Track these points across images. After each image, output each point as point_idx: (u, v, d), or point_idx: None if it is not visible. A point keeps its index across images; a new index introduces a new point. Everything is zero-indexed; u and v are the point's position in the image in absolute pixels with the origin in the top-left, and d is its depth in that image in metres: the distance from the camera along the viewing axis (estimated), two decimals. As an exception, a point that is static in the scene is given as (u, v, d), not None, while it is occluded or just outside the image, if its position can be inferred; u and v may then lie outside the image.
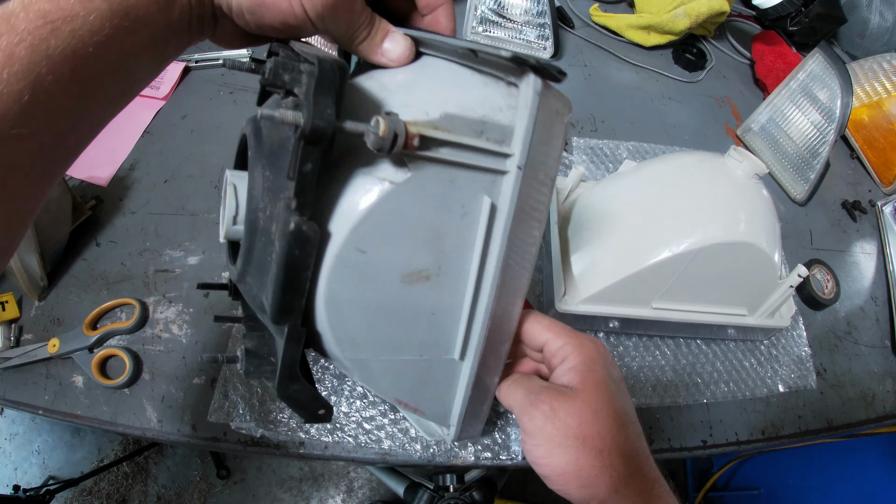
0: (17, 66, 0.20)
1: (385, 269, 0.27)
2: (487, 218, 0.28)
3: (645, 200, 0.49)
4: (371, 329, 0.29)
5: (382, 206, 0.26)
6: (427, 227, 0.27)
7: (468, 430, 0.36)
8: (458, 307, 0.31)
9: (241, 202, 0.28)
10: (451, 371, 0.33)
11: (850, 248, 0.70)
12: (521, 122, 0.27)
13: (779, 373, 0.56)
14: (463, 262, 0.29)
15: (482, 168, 0.27)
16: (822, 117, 0.67)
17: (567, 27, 0.84)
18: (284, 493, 1.28)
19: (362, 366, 0.30)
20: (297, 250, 0.23)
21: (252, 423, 0.45)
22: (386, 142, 0.23)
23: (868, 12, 0.90)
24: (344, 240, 0.26)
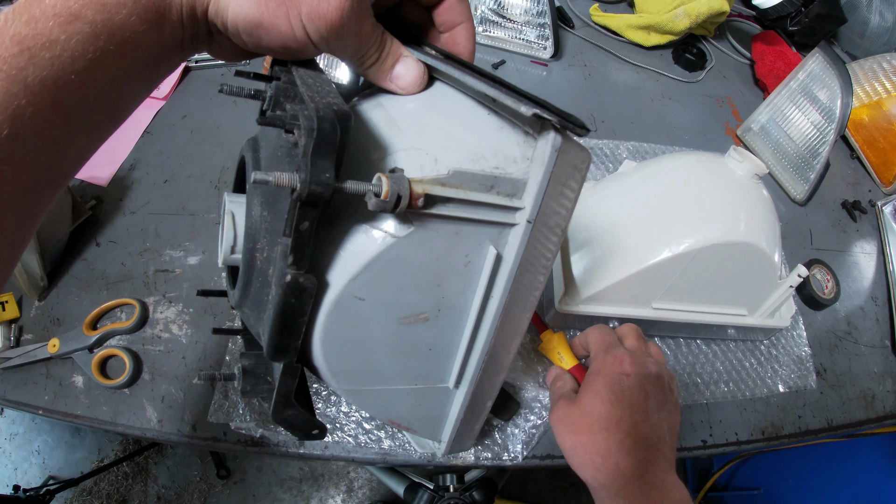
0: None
1: (383, 313, 0.28)
2: (492, 268, 0.28)
3: (645, 200, 0.49)
4: (367, 364, 0.30)
5: (382, 259, 0.25)
6: (428, 276, 0.27)
7: (459, 445, 0.38)
8: (456, 344, 0.31)
9: (240, 233, 0.27)
10: (445, 397, 0.35)
11: (850, 248, 0.70)
12: (536, 176, 0.26)
13: (779, 373, 0.56)
14: (463, 304, 0.29)
15: (490, 222, 0.26)
16: (822, 117, 0.67)
17: (567, 27, 0.84)
18: (284, 493, 1.28)
19: (357, 394, 0.31)
20: (294, 300, 0.23)
21: (252, 423, 0.45)
22: (388, 204, 0.22)
23: (868, 12, 0.90)
24: (342, 289, 0.25)
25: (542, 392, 0.50)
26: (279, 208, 0.24)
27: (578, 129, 0.24)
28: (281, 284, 0.22)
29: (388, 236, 0.25)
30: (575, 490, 1.34)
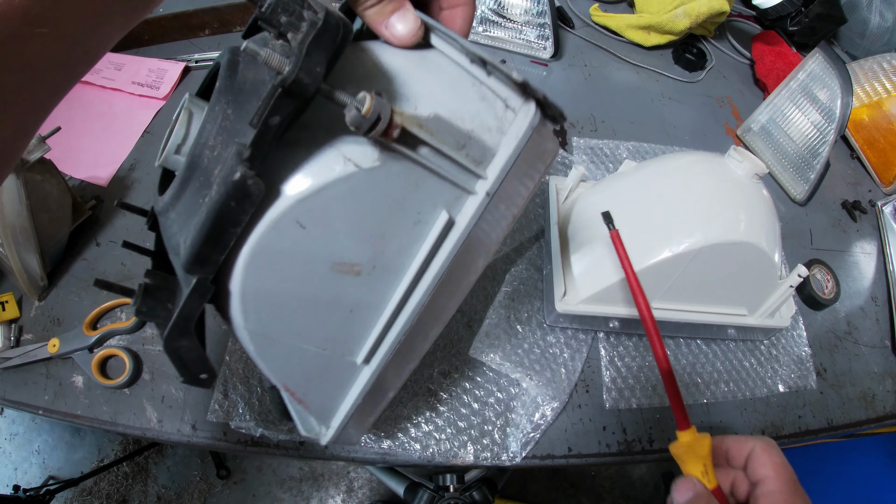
0: None
1: (319, 251, 0.26)
2: (440, 233, 0.27)
3: (645, 200, 0.49)
4: (283, 307, 0.27)
5: (338, 187, 0.24)
6: (376, 222, 0.26)
7: (347, 435, 0.34)
8: (378, 312, 0.29)
9: (193, 132, 0.25)
10: (349, 373, 0.32)
11: (850, 248, 0.70)
12: (506, 149, 0.26)
13: (779, 373, 0.56)
14: (398, 268, 0.28)
15: (451, 181, 0.26)
16: (822, 117, 0.67)
17: (567, 27, 0.84)
18: (284, 493, 1.28)
19: (260, 341, 0.27)
20: (234, 202, 0.21)
21: (252, 423, 0.45)
22: (366, 122, 0.21)
23: (868, 12, 0.90)
24: (287, 208, 0.23)
25: (542, 393, 0.50)
26: (247, 108, 0.23)
27: (558, 115, 0.25)
28: (226, 183, 0.20)
29: (350, 164, 0.23)
30: (575, 490, 1.35)
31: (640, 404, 0.51)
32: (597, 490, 1.36)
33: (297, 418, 0.34)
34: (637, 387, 0.52)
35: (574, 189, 0.56)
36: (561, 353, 0.52)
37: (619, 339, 0.54)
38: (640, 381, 0.52)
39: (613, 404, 0.51)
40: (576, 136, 0.70)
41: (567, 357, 0.52)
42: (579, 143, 0.69)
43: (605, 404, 0.51)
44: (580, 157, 0.68)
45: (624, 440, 0.49)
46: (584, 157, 0.68)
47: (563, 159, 0.67)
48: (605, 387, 0.52)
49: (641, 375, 0.53)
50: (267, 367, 0.29)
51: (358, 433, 0.35)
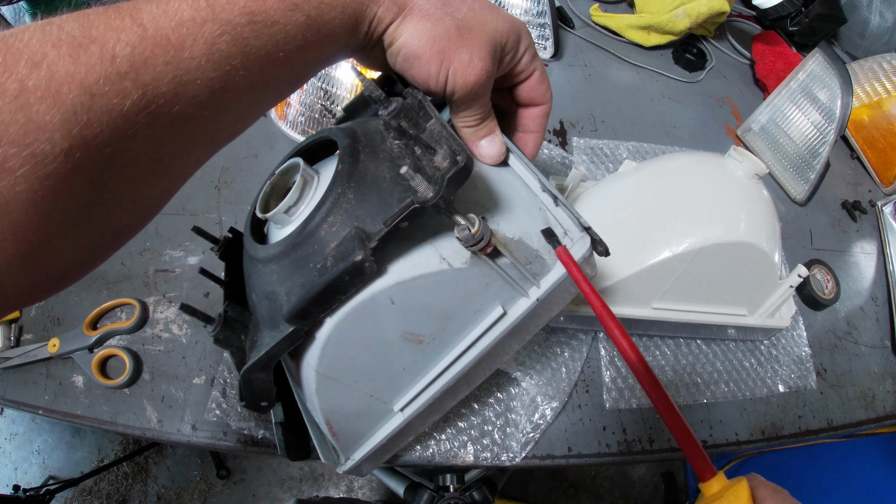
0: (216, 56, 0.22)
1: (398, 322, 0.30)
2: (492, 322, 0.32)
3: (645, 200, 0.49)
4: (353, 359, 0.31)
5: (430, 279, 0.29)
6: (448, 307, 0.31)
7: (361, 468, 0.38)
8: (424, 373, 0.34)
9: (313, 203, 0.29)
10: (383, 417, 0.36)
11: (850, 248, 0.70)
12: (559, 271, 0.32)
13: (779, 373, 0.56)
14: (451, 342, 0.33)
15: (513, 286, 0.32)
16: (822, 117, 0.67)
17: (567, 27, 0.84)
18: (284, 493, 1.28)
19: (324, 381, 0.31)
20: (348, 277, 0.26)
21: (252, 423, 0.45)
22: (471, 241, 0.27)
23: (868, 12, 0.90)
24: (387, 287, 0.28)
25: (541, 393, 0.50)
26: (369, 200, 0.27)
27: (604, 251, 0.31)
28: (345, 260, 0.25)
29: (445, 262, 0.29)
30: (575, 490, 1.35)
31: (640, 404, 0.51)
32: (597, 490, 1.36)
33: (318, 447, 0.37)
34: (637, 387, 0.52)
35: (574, 189, 0.56)
36: (561, 352, 0.52)
37: (619, 339, 0.54)
38: (640, 381, 0.52)
39: (613, 404, 0.51)
40: (576, 136, 0.70)
41: (567, 356, 0.52)
42: (579, 143, 0.69)
43: (605, 404, 0.51)
44: (580, 157, 0.68)
45: (624, 440, 0.49)
46: (584, 157, 0.68)
47: (563, 159, 0.67)
48: (605, 387, 0.52)
49: (641, 375, 0.53)
50: (319, 402, 0.32)
51: (370, 467, 0.39)
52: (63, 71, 0.19)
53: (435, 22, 0.28)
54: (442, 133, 0.28)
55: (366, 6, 0.26)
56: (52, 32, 0.20)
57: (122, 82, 0.20)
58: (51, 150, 0.19)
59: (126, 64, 0.20)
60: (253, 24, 0.22)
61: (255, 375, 0.28)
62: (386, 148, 0.29)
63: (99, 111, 0.19)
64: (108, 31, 0.20)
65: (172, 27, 0.21)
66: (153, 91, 0.21)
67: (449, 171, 0.25)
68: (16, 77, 0.18)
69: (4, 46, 0.19)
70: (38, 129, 0.18)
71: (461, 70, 0.28)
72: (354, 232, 0.26)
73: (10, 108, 0.18)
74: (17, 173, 0.18)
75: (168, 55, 0.21)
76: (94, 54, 0.19)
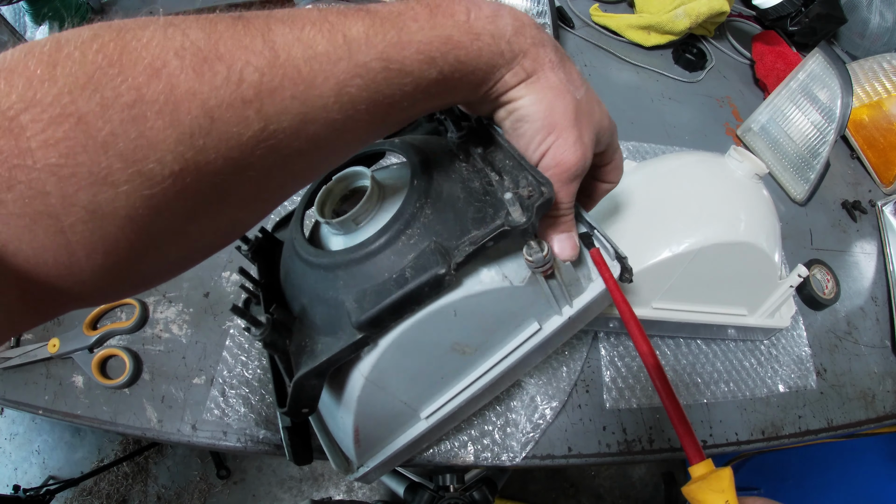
0: (344, 99, 0.21)
1: (453, 333, 0.32)
2: (527, 337, 0.35)
3: (645, 200, 0.49)
4: (404, 367, 0.32)
5: (491, 294, 0.31)
6: (497, 320, 0.33)
7: (371, 475, 0.38)
8: (457, 381, 0.36)
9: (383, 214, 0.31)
10: (408, 423, 0.37)
11: (850, 248, 0.70)
12: (592, 293, 0.34)
13: (779, 373, 0.56)
14: (488, 353, 0.35)
15: (554, 303, 0.34)
16: (822, 117, 0.67)
17: (567, 27, 0.84)
18: (284, 493, 1.28)
19: (369, 388, 0.32)
20: (427, 289, 0.27)
21: (252, 423, 0.45)
22: (538, 264, 0.29)
23: (868, 12, 0.90)
24: (453, 301, 0.29)
25: (541, 393, 0.50)
26: (446, 216, 0.29)
27: (630, 276, 0.34)
28: (427, 272, 0.26)
29: (507, 280, 0.31)
30: (575, 490, 1.35)
31: (640, 404, 0.51)
32: (597, 490, 1.36)
33: (328, 453, 0.37)
34: (637, 387, 0.52)
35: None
36: (561, 351, 0.52)
37: (619, 339, 0.54)
38: (640, 381, 0.52)
39: (613, 404, 0.51)
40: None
41: (567, 356, 0.52)
42: (579, 143, 0.69)
43: (605, 404, 0.51)
44: (580, 157, 0.68)
45: (624, 440, 0.49)
46: (584, 157, 0.68)
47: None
48: (605, 387, 0.52)
49: (641, 375, 0.53)
50: (356, 409, 0.33)
51: (377, 475, 0.39)
52: (185, 87, 0.17)
53: (558, 95, 0.27)
54: (518, 164, 0.29)
55: (497, 69, 0.25)
56: (176, 38, 0.18)
57: (245, 110, 0.18)
58: (160, 171, 0.17)
59: (252, 91, 0.18)
60: (387, 72, 0.21)
61: (309, 381, 0.28)
62: (455, 169, 0.31)
63: (217, 137, 0.18)
64: (236, 50, 0.18)
65: (305, 59, 0.19)
66: (275, 125, 0.19)
67: (537, 200, 0.27)
68: (132, 84, 0.17)
69: (121, 43, 0.17)
70: (149, 147, 0.17)
71: (565, 147, 0.28)
72: (434, 246, 0.27)
73: (122, 118, 0.16)
74: (119, 189, 0.17)
75: (297, 89, 0.19)
76: (219, 74, 0.18)
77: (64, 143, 0.16)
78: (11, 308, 0.18)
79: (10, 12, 0.73)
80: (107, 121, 0.16)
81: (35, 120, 0.16)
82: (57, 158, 0.16)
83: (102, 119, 0.16)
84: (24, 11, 0.72)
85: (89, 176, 0.16)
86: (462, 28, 0.23)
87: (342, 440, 0.37)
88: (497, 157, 0.30)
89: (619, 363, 0.53)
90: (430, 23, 0.22)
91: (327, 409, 0.37)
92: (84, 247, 0.17)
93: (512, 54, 0.25)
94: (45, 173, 0.16)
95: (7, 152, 0.16)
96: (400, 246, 0.28)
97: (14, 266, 0.17)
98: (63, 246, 0.17)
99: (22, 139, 0.16)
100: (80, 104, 0.16)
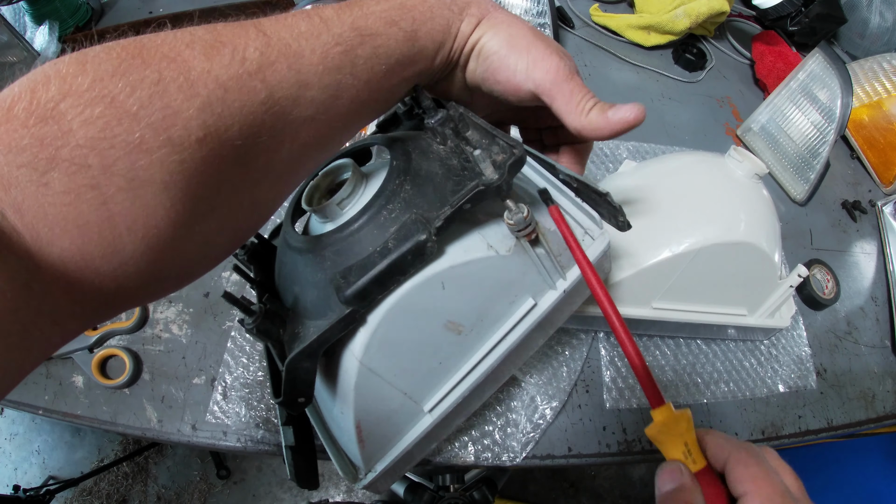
0: (330, 64, 0.24)
1: (444, 308, 0.31)
2: (524, 313, 0.34)
3: (645, 201, 0.49)
4: (397, 349, 0.31)
5: (478, 264, 0.30)
6: (488, 295, 0.32)
7: (378, 483, 0.37)
8: (457, 367, 0.35)
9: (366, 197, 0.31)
10: (412, 419, 0.36)
11: (850, 248, 0.70)
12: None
13: (779, 373, 0.56)
14: (485, 334, 0.34)
15: (544, 277, 0.34)
16: (822, 117, 0.67)
17: (567, 27, 0.84)
18: (284, 493, 1.28)
19: (365, 375, 0.31)
20: (410, 257, 0.27)
21: (252, 423, 0.45)
22: (519, 226, 0.29)
23: (868, 12, 0.90)
24: (441, 270, 0.29)
25: (541, 393, 0.50)
26: (426, 190, 0.29)
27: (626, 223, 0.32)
28: (409, 240, 0.27)
29: (492, 249, 0.30)
30: (575, 490, 1.35)
31: (640, 404, 0.51)
32: (597, 490, 1.36)
33: (334, 460, 0.37)
34: (637, 387, 0.52)
35: (574, 189, 0.56)
36: (561, 351, 0.52)
37: (619, 339, 0.54)
38: (640, 381, 0.52)
39: (613, 404, 0.51)
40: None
41: (567, 356, 0.52)
42: (579, 143, 0.69)
43: (605, 404, 0.51)
44: (580, 157, 0.68)
45: (624, 440, 0.49)
46: (584, 157, 0.68)
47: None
48: (605, 387, 0.52)
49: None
50: (354, 401, 0.32)
51: (386, 483, 0.38)
52: (199, 67, 0.20)
53: (511, 24, 0.30)
54: (490, 134, 0.29)
55: (450, 23, 0.29)
56: (184, 36, 0.21)
57: (251, 81, 0.22)
58: (186, 136, 0.20)
59: (255, 65, 0.22)
60: (360, 38, 0.25)
61: (301, 364, 0.28)
62: (434, 150, 0.32)
63: (231, 105, 0.21)
64: (236, 38, 0.22)
65: (293, 37, 0.23)
66: (279, 92, 0.22)
67: (509, 159, 0.27)
68: (154, 69, 0.20)
69: (139, 45, 0.20)
70: (174, 116, 0.19)
71: (543, 55, 0.30)
72: (415, 216, 0.27)
73: (149, 93, 0.19)
74: (153, 155, 0.19)
75: (290, 60, 0.23)
76: (226, 55, 0.21)
77: (101, 120, 0.18)
78: (60, 311, 0.19)
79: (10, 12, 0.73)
80: (136, 99, 0.19)
81: (73, 105, 0.18)
82: (96, 132, 0.18)
83: (132, 98, 0.19)
84: (24, 11, 0.72)
85: (126, 145, 0.18)
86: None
87: (346, 443, 0.36)
88: (473, 138, 0.31)
89: (619, 363, 0.53)
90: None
91: (328, 410, 0.37)
92: (125, 218, 0.19)
93: (457, 6, 0.29)
94: (86, 148, 0.18)
95: (51, 136, 0.17)
96: (382, 220, 0.29)
97: (60, 263, 0.18)
98: (106, 220, 0.19)
99: (63, 122, 0.18)
100: (111, 88, 0.19)
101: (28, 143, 0.17)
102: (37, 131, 0.17)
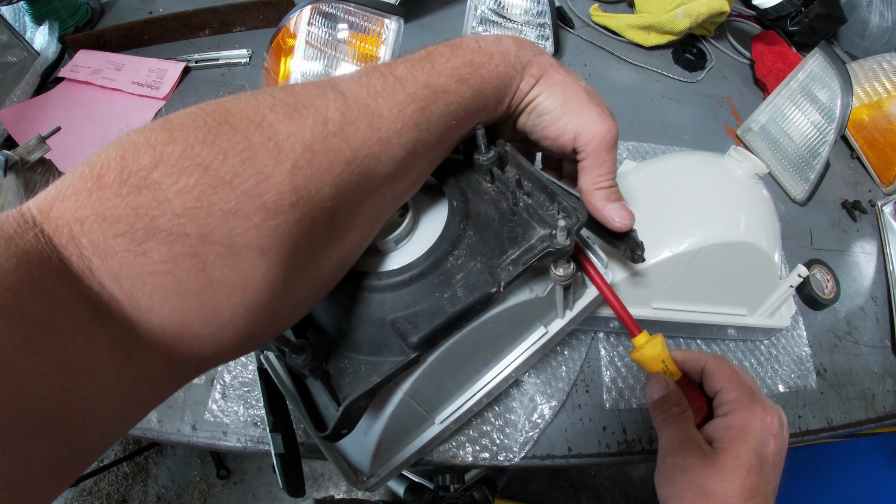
0: (408, 121, 0.25)
1: (484, 344, 0.34)
2: (534, 340, 0.37)
3: (645, 200, 0.49)
4: (437, 381, 0.33)
5: (519, 307, 0.33)
6: (514, 328, 0.35)
7: (379, 484, 0.38)
8: (470, 385, 0.37)
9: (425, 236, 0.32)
10: (423, 428, 0.38)
11: (850, 248, 0.70)
12: (588, 297, 0.37)
13: (779, 373, 0.56)
14: (500, 359, 0.37)
15: (561, 309, 0.36)
16: (822, 117, 0.67)
17: (567, 27, 0.84)
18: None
19: (404, 403, 0.33)
20: (479, 306, 0.28)
21: (250, 422, 0.45)
22: (567, 278, 0.31)
23: (868, 12, 0.90)
24: (496, 313, 0.32)
25: (540, 392, 0.50)
26: (487, 236, 0.31)
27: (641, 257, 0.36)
28: (479, 291, 0.28)
29: (534, 293, 0.33)
30: (575, 490, 1.35)
31: (640, 404, 0.51)
32: (597, 490, 1.36)
33: (337, 466, 0.38)
34: (637, 386, 0.52)
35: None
36: (561, 350, 0.52)
37: (619, 339, 0.54)
38: (640, 381, 0.52)
39: (613, 404, 0.51)
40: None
41: (567, 355, 0.52)
42: (579, 143, 0.69)
43: (605, 404, 0.51)
44: (580, 157, 0.68)
45: (624, 440, 0.49)
46: (584, 157, 0.68)
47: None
48: (605, 386, 0.51)
49: (642, 375, 0.53)
50: (386, 424, 0.33)
51: (384, 482, 0.39)
52: (285, 131, 0.21)
53: (567, 85, 0.31)
54: (547, 188, 0.30)
55: (512, 80, 0.30)
56: (266, 100, 0.22)
57: (335, 142, 0.22)
58: (280, 201, 0.20)
59: (337, 126, 0.22)
60: (434, 95, 0.26)
61: (358, 404, 0.28)
62: (484, 190, 0.33)
63: (319, 167, 0.21)
64: (316, 100, 0.22)
65: (370, 95, 0.24)
66: (363, 151, 0.23)
67: (575, 224, 0.28)
68: (242, 135, 0.20)
69: (223, 111, 0.21)
70: (266, 181, 0.20)
71: (592, 120, 0.31)
72: (482, 265, 0.29)
73: (241, 160, 0.19)
74: (249, 221, 0.19)
75: (370, 119, 0.23)
76: (308, 117, 0.22)
77: (197, 189, 0.18)
78: (159, 377, 0.20)
79: (10, 12, 0.73)
80: (229, 166, 0.19)
81: (167, 174, 0.18)
82: (192, 201, 0.18)
83: (224, 165, 0.19)
84: (24, 11, 0.72)
85: (222, 213, 0.19)
86: (477, 53, 0.28)
87: (357, 454, 0.37)
88: (522, 180, 0.32)
89: (618, 363, 0.53)
90: (453, 55, 0.28)
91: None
92: (224, 284, 0.19)
93: (521, 65, 0.30)
94: (183, 217, 0.18)
95: (146, 206, 0.18)
96: (448, 267, 0.30)
97: (160, 330, 0.19)
98: (206, 286, 0.19)
99: (158, 191, 0.18)
100: (204, 156, 0.19)
101: (123, 213, 0.17)
102: (132, 200, 0.17)
